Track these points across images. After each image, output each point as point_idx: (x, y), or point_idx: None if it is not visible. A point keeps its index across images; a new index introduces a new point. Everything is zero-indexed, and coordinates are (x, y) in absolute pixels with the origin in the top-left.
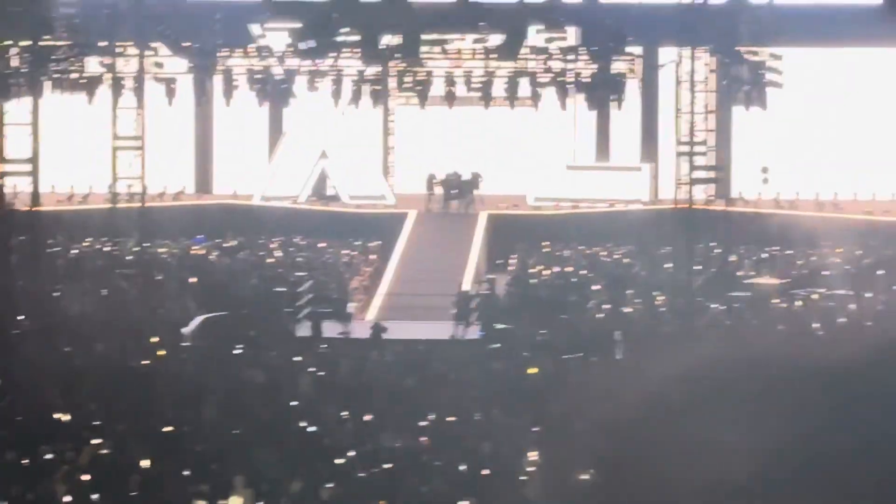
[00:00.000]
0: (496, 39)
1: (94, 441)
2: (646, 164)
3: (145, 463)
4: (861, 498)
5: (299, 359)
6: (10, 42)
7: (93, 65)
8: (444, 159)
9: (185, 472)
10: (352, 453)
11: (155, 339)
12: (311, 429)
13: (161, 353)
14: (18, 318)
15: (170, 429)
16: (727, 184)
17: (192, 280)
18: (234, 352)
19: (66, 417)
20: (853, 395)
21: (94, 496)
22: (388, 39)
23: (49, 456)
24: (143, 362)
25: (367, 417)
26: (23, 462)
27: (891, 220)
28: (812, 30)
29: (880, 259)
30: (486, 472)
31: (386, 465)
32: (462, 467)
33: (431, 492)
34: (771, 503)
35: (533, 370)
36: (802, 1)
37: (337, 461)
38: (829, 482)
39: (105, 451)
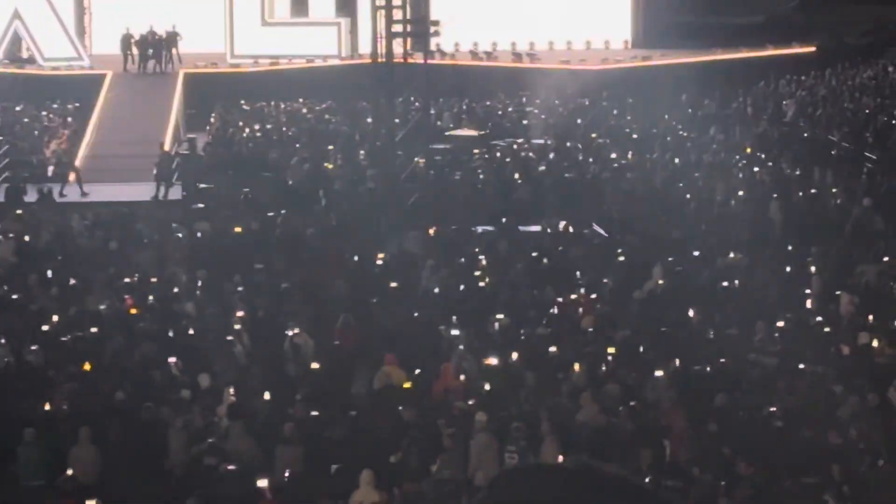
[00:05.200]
0: None
1: None
2: (343, 19)
3: None
4: None
5: None
6: None
7: None
8: (141, 17)
9: None
10: (56, 318)
11: None
12: (14, 295)
13: None
14: None
15: None
16: (425, 37)
17: None
18: None
19: None
20: None
21: None
22: None
23: None
24: None
25: (71, 282)
26: None
27: (587, 68)
28: None
29: (577, 107)
30: (192, 332)
31: (92, 329)
32: (169, 328)
33: (139, 353)
34: None
35: (238, 229)
36: None
37: (43, 327)
38: None
39: None
